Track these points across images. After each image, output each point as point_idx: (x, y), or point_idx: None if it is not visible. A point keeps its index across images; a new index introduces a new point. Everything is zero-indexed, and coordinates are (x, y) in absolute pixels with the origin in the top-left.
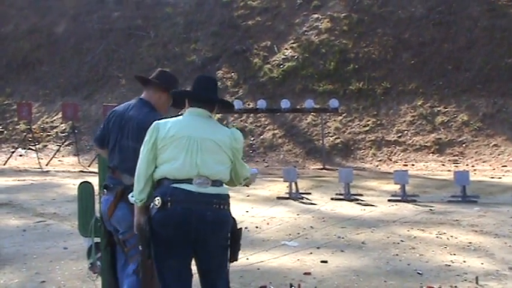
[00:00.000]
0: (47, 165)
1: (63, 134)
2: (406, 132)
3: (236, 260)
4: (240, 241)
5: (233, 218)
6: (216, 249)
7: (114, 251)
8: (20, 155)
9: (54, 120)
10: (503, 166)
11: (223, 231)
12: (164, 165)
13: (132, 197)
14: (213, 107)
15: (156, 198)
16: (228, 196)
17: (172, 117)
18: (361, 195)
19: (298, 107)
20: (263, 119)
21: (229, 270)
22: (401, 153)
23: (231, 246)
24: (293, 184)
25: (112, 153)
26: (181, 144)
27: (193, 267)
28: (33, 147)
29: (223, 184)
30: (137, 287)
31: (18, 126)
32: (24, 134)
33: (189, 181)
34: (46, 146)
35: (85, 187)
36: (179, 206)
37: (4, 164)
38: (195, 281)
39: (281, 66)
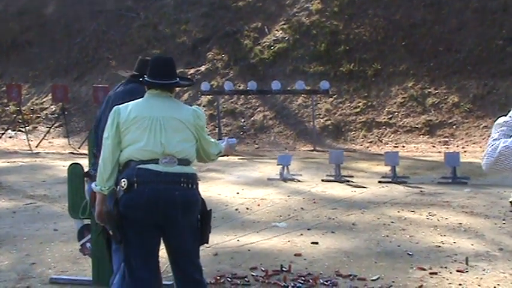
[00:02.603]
0: (36, 147)
1: (53, 116)
2: (396, 113)
3: (207, 243)
4: (210, 223)
5: (202, 198)
6: (186, 230)
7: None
8: (10, 137)
9: (44, 101)
10: None
11: (193, 210)
12: (128, 148)
13: (96, 185)
14: (172, 89)
15: (122, 180)
16: (195, 175)
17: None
18: (351, 176)
19: (288, 88)
20: (254, 100)
21: (199, 255)
22: (392, 135)
23: (200, 228)
24: (285, 167)
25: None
26: (144, 125)
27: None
28: (23, 129)
29: (190, 163)
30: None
31: (7, 108)
32: (14, 115)
33: (155, 161)
34: (36, 127)
35: (75, 169)
36: (146, 187)
37: None
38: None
39: (272, 48)
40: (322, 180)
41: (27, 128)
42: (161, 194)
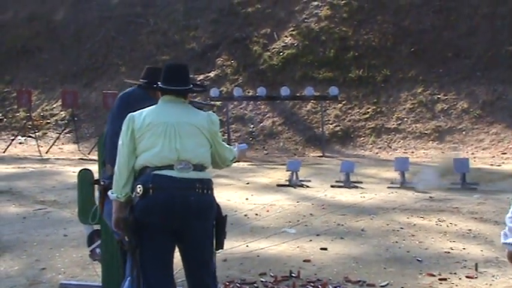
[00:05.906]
0: (46, 152)
1: (63, 122)
2: (406, 119)
3: (222, 249)
4: (225, 228)
5: (217, 204)
6: (201, 236)
7: None
8: (20, 143)
9: (54, 107)
10: (502, 153)
11: (208, 216)
12: (143, 154)
13: (113, 193)
14: (185, 95)
15: (138, 186)
16: (211, 181)
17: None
18: (360, 182)
19: (297, 94)
20: (263, 106)
21: (215, 263)
22: (401, 141)
23: (216, 234)
24: (294, 172)
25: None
26: (159, 131)
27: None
28: (32, 135)
29: (206, 169)
30: None
31: (18, 114)
32: (24, 121)
33: (170, 167)
34: (46, 133)
35: (85, 174)
36: (161, 192)
37: (4, 152)
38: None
39: (281, 54)
40: (331, 186)
41: (37, 134)
42: (176, 199)
